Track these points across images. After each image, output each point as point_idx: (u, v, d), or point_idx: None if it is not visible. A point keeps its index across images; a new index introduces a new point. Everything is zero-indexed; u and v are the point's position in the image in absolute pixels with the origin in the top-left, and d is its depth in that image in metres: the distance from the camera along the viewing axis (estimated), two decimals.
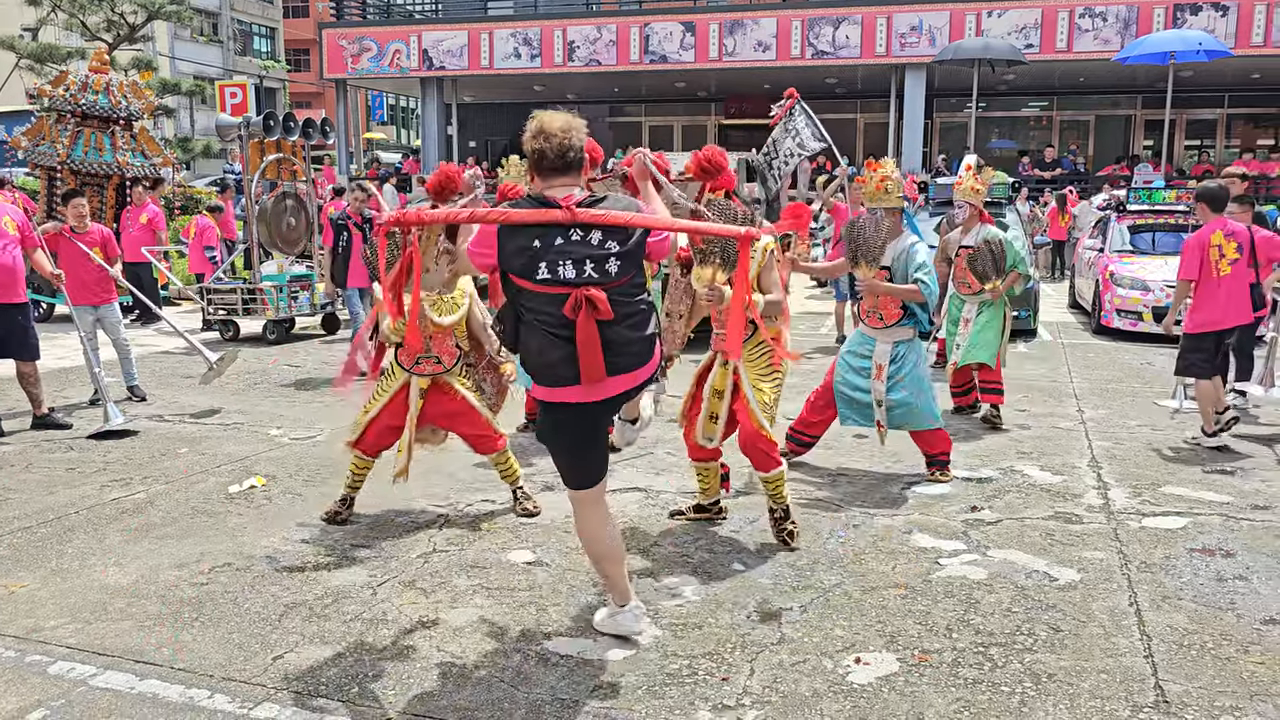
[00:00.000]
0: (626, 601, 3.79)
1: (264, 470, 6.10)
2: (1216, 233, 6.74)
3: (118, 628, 3.91)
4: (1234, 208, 7.27)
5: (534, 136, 3.35)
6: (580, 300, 3.21)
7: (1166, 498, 5.61)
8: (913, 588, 4.32)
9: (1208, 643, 3.80)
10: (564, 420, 3.49)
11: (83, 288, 7.84)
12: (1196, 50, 14.72)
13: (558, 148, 3.31)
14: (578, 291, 3.21)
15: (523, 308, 3.34)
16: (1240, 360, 7.91)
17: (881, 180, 5.77)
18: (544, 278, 3.24)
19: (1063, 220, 17.95)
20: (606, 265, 3.27)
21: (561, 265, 3.23)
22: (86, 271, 7.84)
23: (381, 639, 3.82)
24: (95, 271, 7.87)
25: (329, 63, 24.60)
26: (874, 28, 21.08)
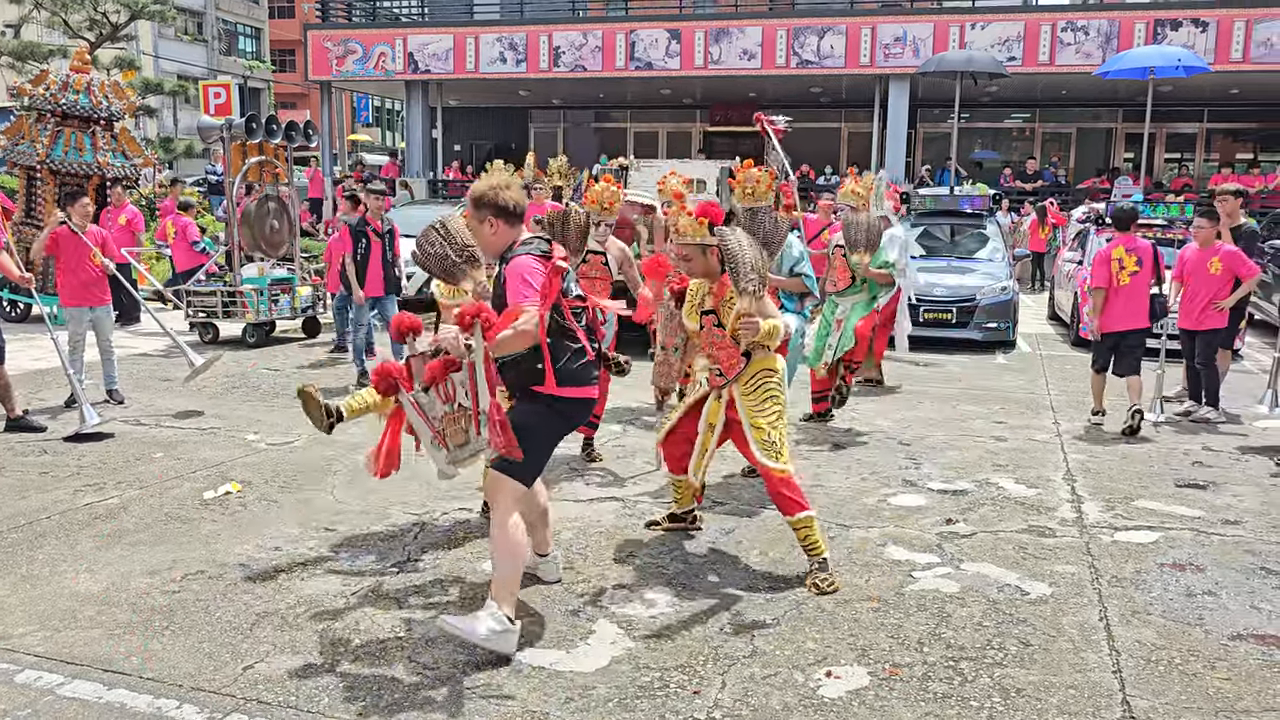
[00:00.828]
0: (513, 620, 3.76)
1: (240, 476, 6.07)
2: (1119, 248, 7.68)
3: (87, 636, 3.88)
4: (1203, 222, 7.97)
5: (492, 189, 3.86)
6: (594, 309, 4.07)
7: (1139, 512, 5.66)
8: (886, 601, 4.34)
9: (1175, 658, 3.84)
10: (572, 416, 3.96)
11: (82, 288, 7.90)
12: (1176, 66, 14.85)
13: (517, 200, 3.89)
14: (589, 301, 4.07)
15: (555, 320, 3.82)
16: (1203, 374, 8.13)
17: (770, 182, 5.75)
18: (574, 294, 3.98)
19: (1043, 232, 18.07)
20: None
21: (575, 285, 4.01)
22: (87, 271, 7.89)
23: (353, 649, 3.81)
24: (96, 272, 7.94)
25: (314, 64, 24.51)
26: (859, 38, 21.17)
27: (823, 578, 4.47)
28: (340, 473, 6.21)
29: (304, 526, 5.21)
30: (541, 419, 3.87)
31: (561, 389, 3.84)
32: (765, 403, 4.58)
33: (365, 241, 9.24)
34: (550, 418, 3.90)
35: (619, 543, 5.02)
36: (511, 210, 3.88)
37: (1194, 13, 19.60)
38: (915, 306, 11.63)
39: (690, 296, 4.82)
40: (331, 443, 6.89)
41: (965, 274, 12.17)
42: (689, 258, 4.63)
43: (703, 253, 4.60)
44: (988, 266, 12.53)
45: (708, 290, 4.70)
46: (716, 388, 4.73)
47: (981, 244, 13.31)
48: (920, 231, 13.74)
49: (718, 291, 4.63)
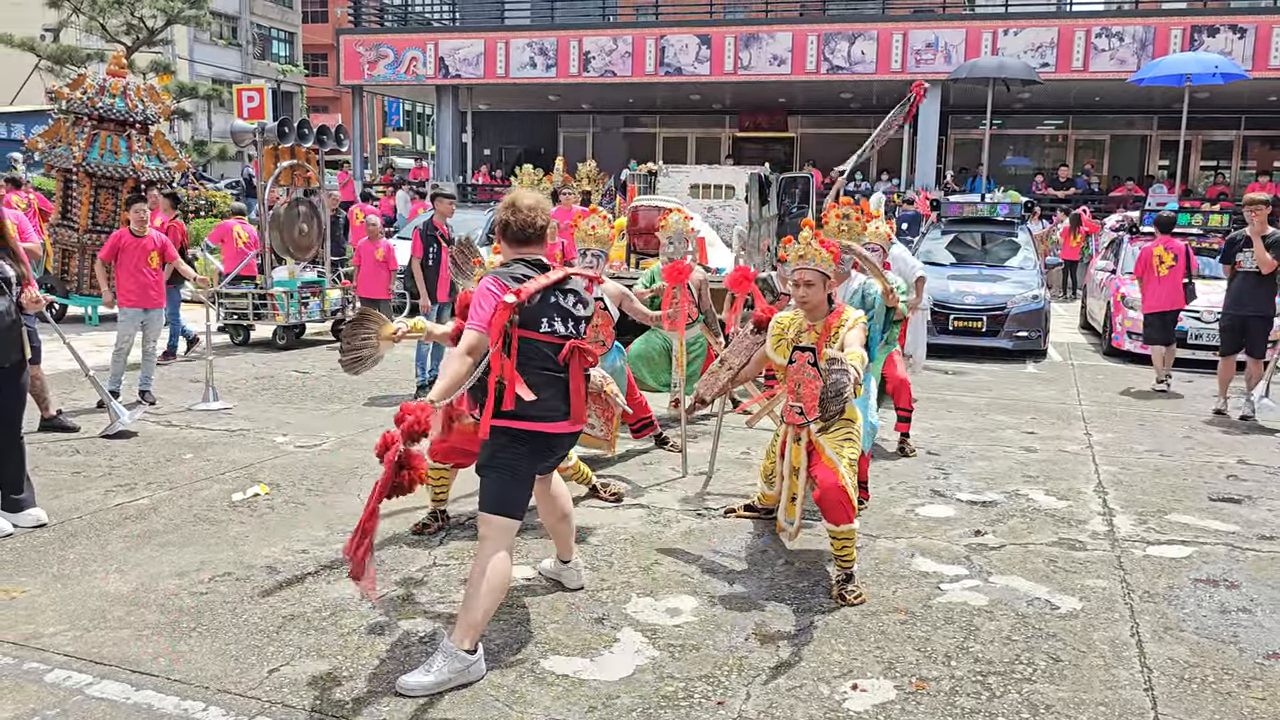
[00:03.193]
0: (476, 648, 3.62)
1: (268, 478, 6.11)
2: (1159, 246, 9.97)
3: (116, 636, 3.91)
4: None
5: (505, 209, 3.84)
6: (571, 350, 3.76)
7: (1172, 526, 5.57)
8: (913, 613, 4.30)
9: (1209, 676, 3.77)
10: (533, 445, 3.77)
11: (140, 290, 8.13)
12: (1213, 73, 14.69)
13: (524, 221, 3.80)
14: (570, 343, 3.76)
15: (521, 354, 3.70)
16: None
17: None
18: (545, 330, 3.74)
19: (1074, 240, 17.89)
20: (579, 326, 3.86)
21: (555, 320, 3.77)
22: (146, 275, 8.14)
23: (378, 653, 3.82)
24: (153, 275, 8.18)
25: (346, 69, 24.73)
26: (890, 44, 21.08)
27: (850, 589, 4.43)
28: (367, 475, 6.23)
29: (331, 529, 5.23)
30: (506, 451, 3.73)
31: (518, 422, 3.68)
32: (844, 441, 4.52)
33: (435, 246, 9.10)
34: (513, 448, 3.73)
35: (644, 550, 5.00)
36: (506, 228, 3.82)
37: (1231, 19, 19.37)
38: (945, 314, 11.57)
39: (779, 330, 4.73)
40: (359, 445, 6.95)
41: (996, 282, 12.08)
42: (811, 282, 4.57)
43: (824, 283, 4.58)
44: (1019, 275, 12.42)
45: (805, 327, 4.63)
46: (794, 424, 4.61)
47: (1012, 252, 13.20)
48: (950, 239, 13.65)
49: (823, 332, 4.56)
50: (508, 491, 3.76)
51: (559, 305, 3.80)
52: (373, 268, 11.45)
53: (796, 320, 4.70)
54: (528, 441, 3.76)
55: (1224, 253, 9.20)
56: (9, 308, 5.12)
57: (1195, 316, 11.17)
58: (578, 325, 3.86)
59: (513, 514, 3.76)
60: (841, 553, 4.47)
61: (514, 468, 3.76)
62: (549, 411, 3.74)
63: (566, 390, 3.79)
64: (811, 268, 4.58)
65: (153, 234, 8.28)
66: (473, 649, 3.60)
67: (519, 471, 3.78)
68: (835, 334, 4.53)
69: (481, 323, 3.61)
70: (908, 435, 7.12)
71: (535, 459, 3.84)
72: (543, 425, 3.74)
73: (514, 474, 3.77)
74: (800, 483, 4.68)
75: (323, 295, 11.86)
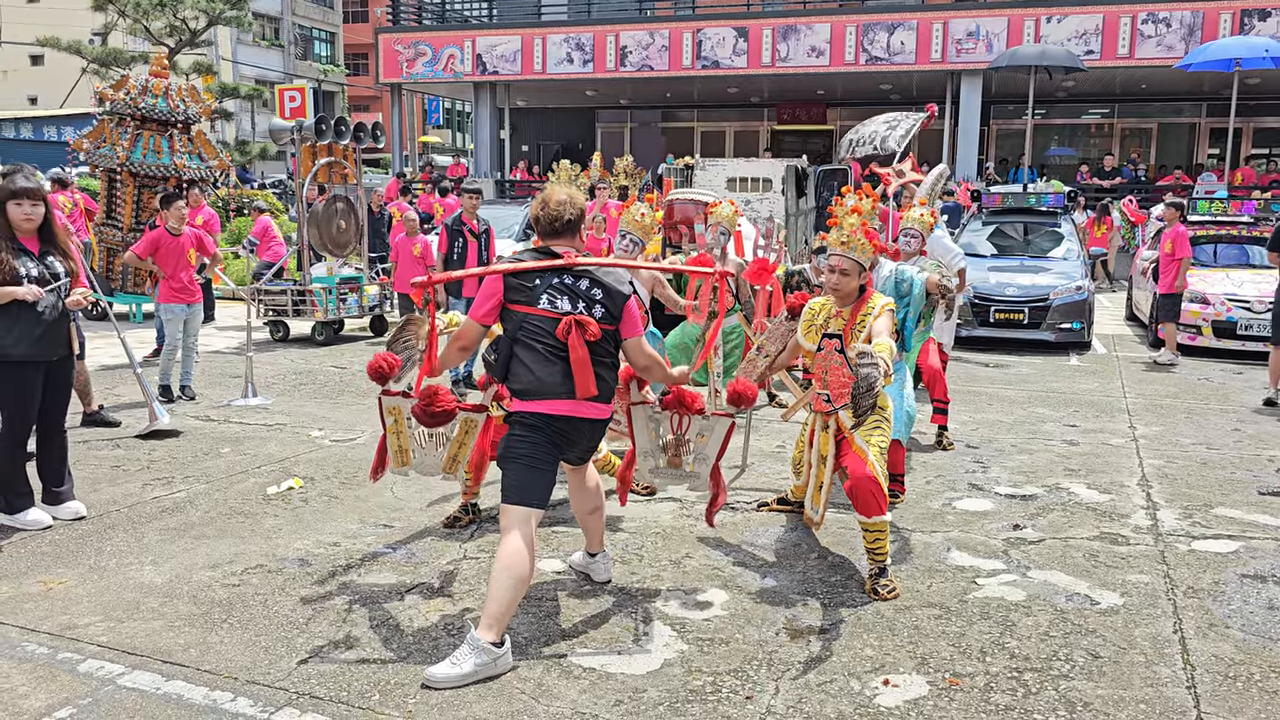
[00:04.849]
0: (503, 641, 3.60)
1: (303, 472, 6.16)
2: None
3: (149, 627, 3.95)
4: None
5: (537, 204, 4.00)
6: (570, 324, 3.72)
7: (1218, 520, 5.43)
8: (948, 608, 4.22)
9: (1255, 675, 3.66)
10: (546, 431, 3.77)
11: (180, 287, 8.27)
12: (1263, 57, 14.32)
13: (551, 215, 3.93)
14: (568, 318, 3.73)
15: (521, 333, 3.79)
16: None
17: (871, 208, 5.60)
18: (545, 306, 3.78)
19: (1099, 230, 17.53)
20: (593, 309, 3.82)
21: (559, 299, 3.79)
22: (185, 271, 8.30)
23: (406, 645, 3.82)
24: (190, 272, 8.35)
25: (385, 67, 24.92)
26: (930, 34, 20.82)
27: (883, 583, 4.36)
28: None
29: (363, 522, 5.25)
30: (521, 441, 3.77)
31: (522, 403, 3.78)
32: (873, 430, 4.46)
33: (461, 241, 9.15)
34: (528, 437, 3.76)
35: (675, 543, 4.97)
36: (537, 221, 3.99)
37: None
38: (985, 306, 11.39)
39: (810, 316, 4.72)
40: None
41: (1038, 273, 11.88)
42: (847, 272, 4.54)
43: (859, 273, 4.54)
44: (1062, 265, 12.21)
45: (833, 313, 4.62)
46: (822, 412, 4.51)
47: (1056, 242, 12.97)
48: (992, 230, 13.45)
49: (850, 318, 4.55)
50: (524, 480, 3.74)
51: (567, 286, 3.81)
52: (410, 263, 11.52)
53: (827, 306, 4.67)
54: (539, 428, 3.76)
55: (1273, 240, 9.00)
56: (58, 303, 5.20)
57: (1245, 306, 10.92)
58: (591, 308, 3.81)
59: (530, 503, 3.73)
60: (874, 545, 4.39)
61: (530, 456, 3.75)
62: (549, 389, 3.74)
63: (567, 367, 3.74)
64: (851, 257, 4.53)
65: (189, 231, 8.40)
66: (498, 641, 3.58)
67: (536, 460, 3.75)
68: (862, 321, 4.48)
69: (474, 312, 3.84)
70: (945, 428, 7.01)
71: (552, 448, 3.80)
72: (544, 404, 3.74)
73: (530, 463, 3.75)
74: (828, 471, 4.62)
75: (361, 291, 11.95)
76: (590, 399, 3.79)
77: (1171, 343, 10.61)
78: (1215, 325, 11.05)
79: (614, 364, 3.94)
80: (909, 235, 6.48)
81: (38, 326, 5.07)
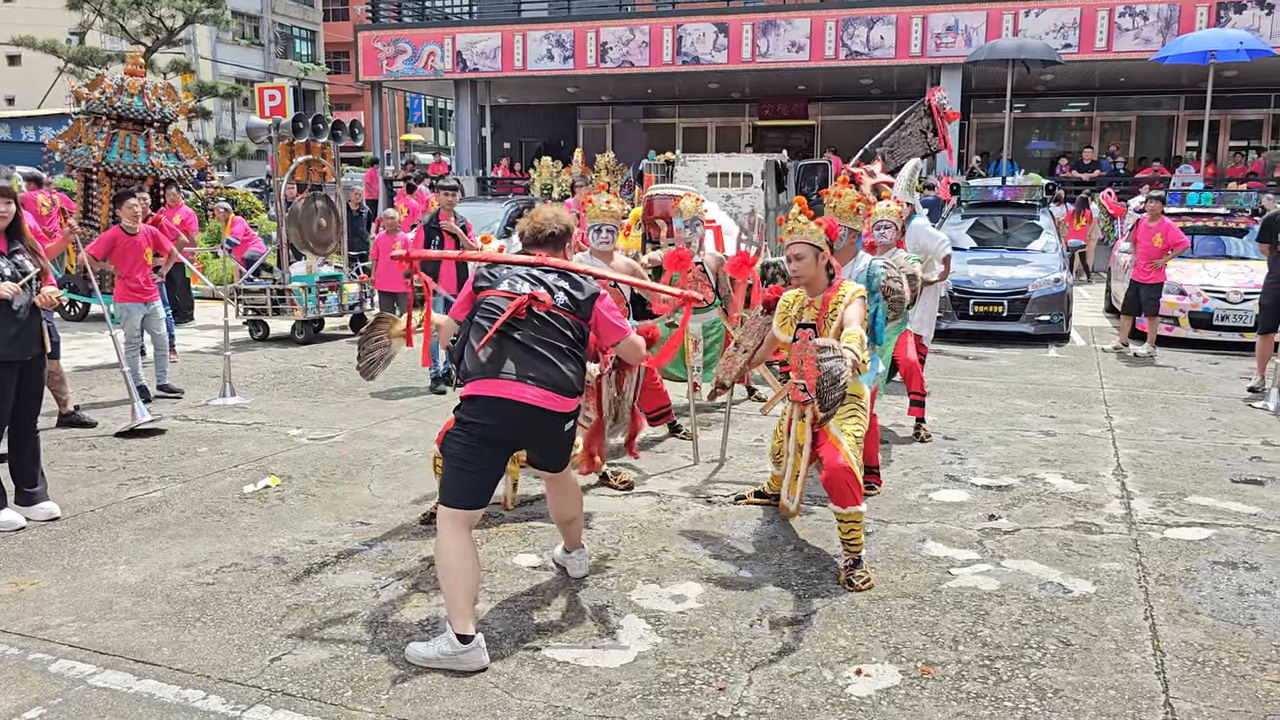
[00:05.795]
0: (470, 636, 3.57)
1: (280, 470, 6.14)
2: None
3: (121, 627, 3.93)
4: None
5: (525, 220, 4.16)
6: (525, 300, 3.80)
7: (1191, 508, 5.47)
8: (922, 598, 4.25)
9: (1223, 659, 3.69)
10: (478, 428, 3.71)
11: (136, 286, 8.18)
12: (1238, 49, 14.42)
13: (536, 226, 4.09)
14: (518, 299, 3.80)
15: (477, 314, 3.86)
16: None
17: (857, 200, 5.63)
18: (504, 288, 3.87)
19: (1078, 223, 17.61)
20: (555, 294, 3.86)
21: (519, 283, 3.88)
22: (141, 271, 8.20)
23: (380, 642, 3.81)
24: (147, 271, 8.24)
25: (365, 65, 24.80)
26: (909, 28, 20.86)
27: (858, 574, 4.39)
28: (379, 467, 6.25)
29: (340, 520, 5.24)
30: (455, 441, 3.76)
31: (465, 388, 3.79)
32: (849, 419, 4.48)
33: (439, 239, 9.11)
34: (460, 437, 3.74)
35: (652, 537, 4.97)
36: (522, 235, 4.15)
37: None
38: (965, 299, 11.44)
39: (784, 308, 4.77)
40: (371, 437, 6.97)
41: (1017, 265, 11.93)
42: (801, 256, 4.56)
43: (816, 256, 4.55)
44: (1040, 258, 12.26)
45: (806, 303, 4.65)
46: (799, 402, 4.58)
47: (1034, 235, 13.03)
48: (972, 223, 13.51)
49: (822, 307, 4.57)
50: (451, 480, 3.75)
51: (532, 275, 3.90)
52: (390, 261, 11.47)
53: (800, 298, 4.71)
54: (472, 425, 3.71)
55: (1261, 231, 9.02)
56: (29, 302, 5.16)
57: (1222, 297, 11.00)
58: (553, 293, 3.87)
59: (450, 503, 3.72)
60: (849, 536, 4.42)
61: (458, 457, 3.73)
62: (483, 369, 3.74)
63: (514, 347, 3.75)
64: (800, 240, 4.57)
65: (145, 229, 8.30)
66: (463, 635, 3.56)
67: (464, 461, 3.71)
68: (834, 309, 4.51)
69: (455, 309, 4.05)
70: (923, 420, 7.04)
71: (486, 447, 3.72)
72: (485, 385, 3.71)
73: (459, 464, 3.73)
74: (804, 461, 4.65)
75: (341, 290, 11.90)
76: (526, 379, 3.70)
77: (1153, 334, 10.65)
78: (1192, 316, 11.13)
79: (574, 356, 3.87)
80: (882, 227, 6.49)
81: (12, 325, 5.04)
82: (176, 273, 11.91)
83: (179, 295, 12.48)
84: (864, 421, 4.57)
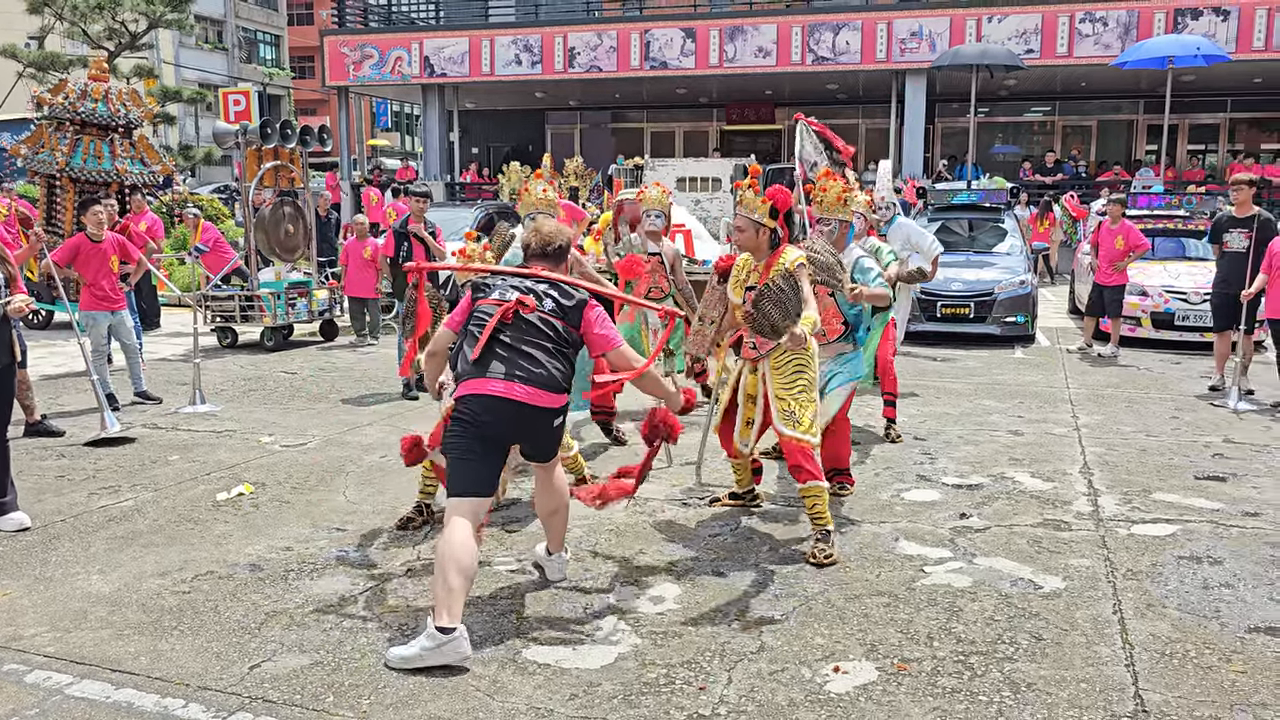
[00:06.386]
0: (453, 627, 3.60)
1: (253, 478, 6.10)
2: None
3: (97, 636, 3.90)
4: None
5: (530, 231, 4.30)
6: (513, 305, 3.96)
7: (1156, 505, 5.59)
8: (896, 596, 4.31)
9: (1190, 651, 3.78)
10: (471, 421, 3.89)
11: (102, 294, 8.08)
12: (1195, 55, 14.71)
13: (541, 241, 4.23)
14: (505, 305, 3.98)
15: (470, 322, 4.03)
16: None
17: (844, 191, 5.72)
18: (495, 296, 4.05)
19: (1042, 226, 17.87)
20: (542, 300, 4.02)
21: (509, 291, 4.04)
22: (106, 279, 8.07)
23: (360, 647, 3.81)
24: (113, 279, 8.13)
25: (331, 70, 24.67)
26: (874, 34, 21.08)
27: (821, 548, 4.62)
28: (353, 473, 6.23)
29: (315, 526, 5.23)
30: (449, 435, 4.00)
31: (458, 388, 3.97)
32: (794, 376, 4.78)
33: (408, 245, 9.09)
34: (453, 430, 3.95)
35: (629, 540, 5.01)
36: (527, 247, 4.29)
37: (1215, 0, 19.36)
38: (932, 301, 11.58)
39: (736, 272, 5.02)
40: (344, 444, 6.95)
41: (983, 268, 12.10)
42: (743, 229, 4.84)
43: (756, 230, 4.81)
44: (1006, 260, 12.44)
45: (753, 267, 4.91)
46: (749, 359, 4.95)
47: (1000, 238, 13.20)
48: (938, 226, 13.66)
49: (764, 270, 4.82)
50: (454, 470, 3.96)
51: (523, 285, 4.06)
52: (360, 267, 11.45)
53: (749, 262, 4.96)
54: (465, 419, 3.90)
55: (1211, 233, 9.26)
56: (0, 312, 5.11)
57: (1183, 298, 11.21)
58: (540, 300, 4.04)
59: (457, 491, 3.91)
60: (813, 510, 4.70)
61: (457, 448, 3.94)
62: (474, 371, 3.92)
63: (503, 349, 3.92)
64: (743, 215, 4.84)
65: (111, 236, 8.22)
66: (446, 626, 3.59)
67: (463, 451, 3.93)
68: (776, 269, 4.75)
69: (450, 320, 4.17)
70: (894, 421, 7.12)
71: (480, 439, 3.90)
72: (475, 384, 3.89)
73: (459, 454, 3.93)
74: (757, 409, 4.93)
75: (310, 296, 11.84)
76: (513, 378, 3.86)
77: (1116, 335, 10.82)
78: (1154, 317, 11.33)
79: (561, 355, 4.01)
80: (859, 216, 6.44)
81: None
82: (143, 279, 11.81)
83: (145, 302, 12.34)
84: (810, 375, 4.81)
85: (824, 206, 5.65)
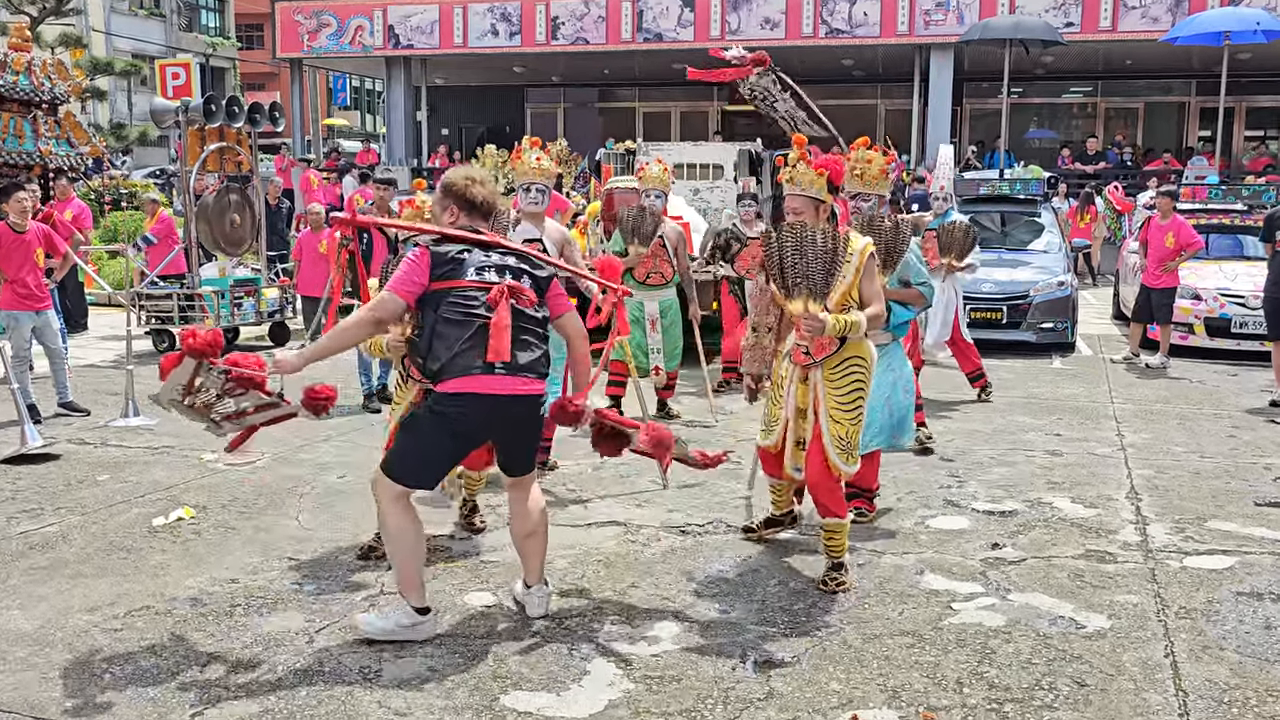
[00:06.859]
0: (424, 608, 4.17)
1: (193, 500, 6.10)
2: None
3: (17, 680, 3.89)
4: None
5: (472, 181, 4.30)
6: (504, 290, 4.05)
7: (1212, 534, 5.62)
8: (921, 636, 4.32)
9: (1250, 699, 3.80)
10: (458, 412, 4.05)
11: (25, 292, 8.03)
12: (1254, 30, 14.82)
13: (486, 197, 4.29)
14: (499, 285, 4.06)
15: (446, 305, 4.04)
16: None
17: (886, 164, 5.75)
18: (472, 278, 4.08)
19: (1082, 221, 17.94)
20: (521, 281, 4.17)
21: (486, 271, 4.12)
22: (30, 275, 8.03)
23: (316, 693, 3.80)
24: (38, 275, 8.09)
25: (283, 40, 24.70)
26: (895, 4, 21.20)
27: (832, 575, 4.69)
28: (307, 495, 6.23)
29: (265, 556, 5.22)
30: (421, 419, 4.21)
31: (439, 384, 4.08)
32: (850, 394, 4.67)
33: (367, 235, 9.13)
34: (429, 418, 4.14)
35: (619, 571, 5.01)
36: (475, 204, 4.28)
37: None
38: None
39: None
40: (298, 463, 6.94)
41: (1017, 267, 12.14)
42: (800, 210, 4.69)
43: (816, 208, 4.67)
44: (1042, 259, 12.48)
45: None
46: (801, 364, 4.75)
47: (1036, 234, 13.24)
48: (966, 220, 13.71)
49: None
50: (415, 461, 4.15)
51: (494, 262, 4.16)
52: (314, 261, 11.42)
53: None
54: (444, 407, 4.06)
55: (1265, 230, 9.32)
56: None
57: (1240, 302, 11.27)
58: (520, 279, 4.18)
59: (401, 480, 4.11)
60: (830, 544, 4.73)
61: (426, 437, 4.14)
62: (464, 366, 4.00)
63: (486, 337, 4.01)
64: (799, 193, 4.67)
65: (36, 226, 8.20)
66: (423, 607, 4.15)
67: (430, 443, 4.13)
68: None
69: (397, 283, 4.07)
70: (923, 424, 7.14)
71: (449, 426, 4.08)
72: (462, 382, 4.01)
73: (421, 441, 4.16)
74: (808, 426, 4.76)
75: (258, 295, 11.82)
76: (516, 372, 4.06)
77: (1165, 344, 10.87)
78: (1208, 323, 11.39)
79: (544, 337, 4.24)
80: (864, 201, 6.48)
81: None
82: (69, 276, 11.78)
83: (70, 301, 12.31)
84: (866, 394, 4.75)
85: (865, 180, 5.64)
